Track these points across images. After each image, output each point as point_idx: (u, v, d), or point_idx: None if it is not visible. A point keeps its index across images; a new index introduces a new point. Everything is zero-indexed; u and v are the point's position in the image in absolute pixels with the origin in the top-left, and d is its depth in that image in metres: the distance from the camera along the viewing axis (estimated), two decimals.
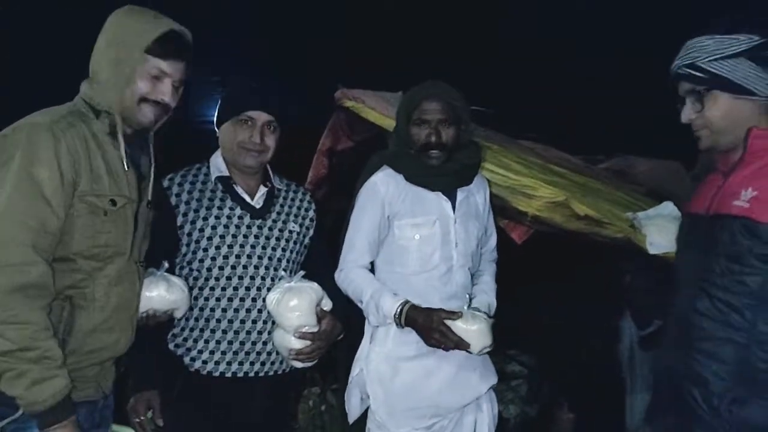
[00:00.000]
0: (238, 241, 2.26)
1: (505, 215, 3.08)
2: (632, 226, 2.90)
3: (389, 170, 2.38)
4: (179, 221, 2.25)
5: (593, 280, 5.06)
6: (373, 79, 3.34)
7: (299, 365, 2.31)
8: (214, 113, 2.40)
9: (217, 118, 2.38)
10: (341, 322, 2.33)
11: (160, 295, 2.03)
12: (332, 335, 2.31)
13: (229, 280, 2.24)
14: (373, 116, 3.23)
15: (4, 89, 4.07)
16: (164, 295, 2.03)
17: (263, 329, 2.27)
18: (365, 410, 2.39)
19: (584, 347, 4.87)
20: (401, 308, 2.24)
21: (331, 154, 3.52)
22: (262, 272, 2.27)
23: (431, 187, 2.36)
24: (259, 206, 2.34)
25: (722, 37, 1.74)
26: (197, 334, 2.25)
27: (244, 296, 2.25)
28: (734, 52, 1.72)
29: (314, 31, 4.58)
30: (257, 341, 2.26)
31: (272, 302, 2.21)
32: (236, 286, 2.24)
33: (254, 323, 2.25)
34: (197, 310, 2.25)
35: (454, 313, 2.21)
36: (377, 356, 2.33)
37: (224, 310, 2.24)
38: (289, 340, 2.23)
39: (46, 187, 1.68)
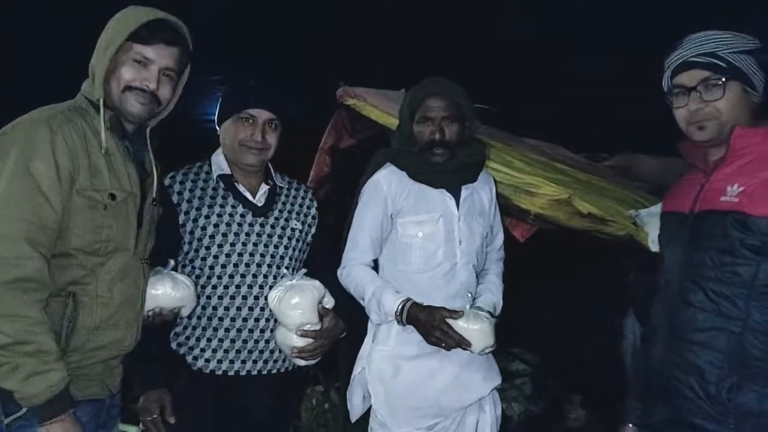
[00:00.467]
0: (239, 239, 2.26)
1: (507, 213, 3.06)
2: (635, 223, 2.89)
3: (392, 167, 2.37)
4: (181, 219, 2.24)
5: (596, 277, 5.06)
6: (374, 77, 3.33)
7: (302, 363, 2.30)
8: (214, 112, 2.39)
9: (218, 116, 2.37)
10: (343, 320, 2.33)
11: (166, 292, 2.02)
12: (334, 333, 2.30)
13: (231, 278, 2.23)
14: (375, 114, 3.22)
15: (4, 89, 4.06)
16: (170, 292, 2.03)
17: (265, 327, 2.26)
18: (368, 409, 2.38)
19: (587, 345, 4.89)
20: (403, 305, 2.23)
21: (333, 152, 3.51)
22: (264, 270, 2.26)
23: (435, 184, 2.35)
24: (260, 204, 2.33)
25: (737, 33, 1.84)
26: (199, 332, 2.24)
27: (246, 294, 2.24)
28: (748, 48, 1.83)
29: (315, 29, 4.57)
30: (259, 339, 2.25)
31: (274, 300, 2.20)
32: (238, 284, 2.24)
33: (256, 321, 2.25)
34: (199, 308, 2.24)
35: (455, 311, 2.20)
36: (379, 355, 2.33)
37: (226, 308, 2.23)
38: (291, 338, 2.22)
39: (43, 181, 1.68)
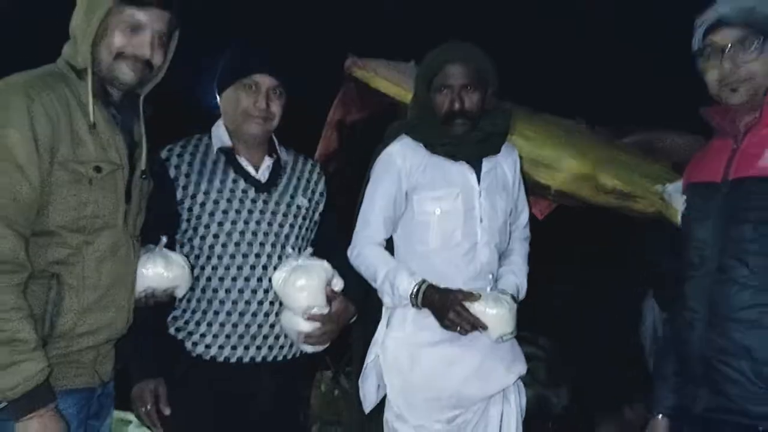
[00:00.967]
0: (242, 216, 2.09)
1: (527, 187, 2.88)
2: (662, 199, 2.71)
3: (407, 139, 2.21)
4: (179, 195, 2.07)
5: (614, 259, 4.90)
6: (385, 48, 3.15)
7: (309, 349, 2.14)
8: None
9: (217, 83, 2.19)
10: (354, 303, 2.16)
11: (157, 272, 1.86)
12: (344, 317, 2.14)
13: (232, 258, 2.07)
14: (384, 86, 3.07)
15: None
16: (162, 272, 1.87)
17: (270, 311, 2.10)
18: (383, 398, 2.22)
19: (604, 329, 4.73)
20: (418, 288, 2.08)
21: (341, 126, 3.35)
22: (268, 250, 2.10)
23: (454, 156, 2.18)
24: (264, 179, 2.16)
25: None
26: (199, 316, 2.08)
27: (248, 276, 2.08)
28: None
29: None
30: (263, 324, 2.09)
31: (279, 282, 2.04)
32: (240, 264, 2.07)
33: (260, 305, 2.08)
34: (199, 291, 2.08)
35: (473, 294, 2.03)
36: (394, 342, 2.16)
37: (228, 290, 2.07)
38: (297, 322, 2.06)
39: (18, 152, 1.51)
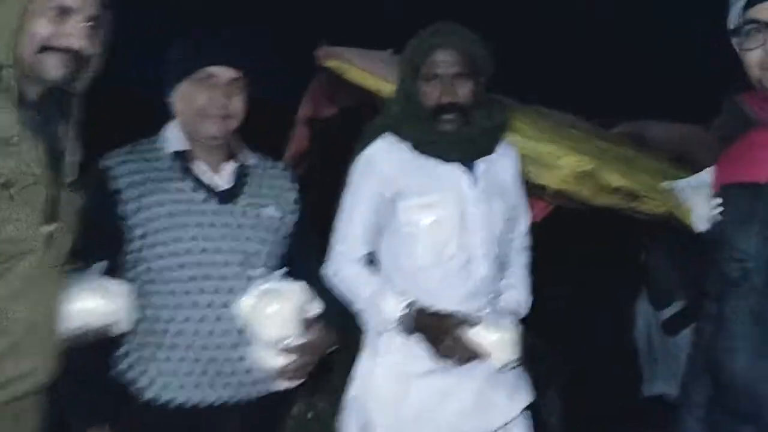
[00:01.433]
0: (200, 232, 1.79)
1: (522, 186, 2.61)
2: (670, 197, 2.46)
3: (391, 138, 1.93)
4: (123, 210, 1.76)
5: (604, 257, 4.67)
6: (360, 35, 2.86)
7: (283, 386, 1.84)
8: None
9: (168, 77, 1.88)
10: (334, 330, 1.88)
11: (91, 306, 1.57)
12: (322, 347, 1.85)
13: (191, 281, 1.77)
14: (361, 77, 2.77)
15: None
16: (97, 306, 1.58)
17: (236, 343, 1.79)
18: None
19: (595, 331, 4.51)
20: (408, 310, 1.81)
21: (313, 123, 3.05)
22: (233, 270, 1.80)
23: (445, 156, 1.91)
24: (226, 187, 1.86)
25: None
26: (150, 353, 1.77)
27: (210, 302, 1.77)
28: None
29: None
30: (228, 359, 1.79)
31: (246, 309, 1.74)
32: (200, 289, 1.77)
33: (224, 336, 1.78)
34: (148, 322, 1.76)
35: (470, 318, 1.77)
36: (381, 372, 1.89)
37: (185, 320, 1.76)
38: (268, 355, 1.78)
39: None
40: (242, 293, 1.77)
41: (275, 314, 1.73)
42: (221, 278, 1.78)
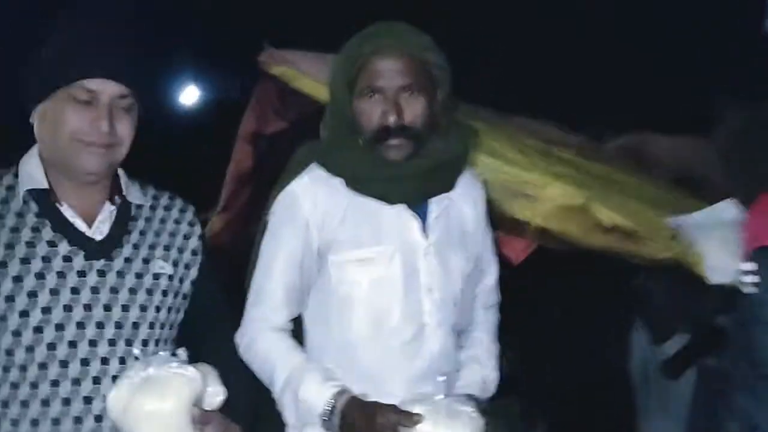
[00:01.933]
0: (63, 297, 1.37)
1: (495, 223, 2.17)
2: (676, 237, 2.03)
3: (319, 172, 1.52)
4: None
5: (596, 283, 4.25)
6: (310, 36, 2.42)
7: None
8: None
9: (30, 92, 1.44)
10: (243, 423, 1.44)
11: None
12: None
13: (44, 367, 1.35)
14: (310, 86, 2.34)
15: None
16: None
17: None
18: None
19: (586, 362, 4.09)
20: (333, 402, 1.39)
21: (257, 139, 2.62)
22: (103, 349, 1.38)
23: (388, 196, 1.50)
24: (100, 238, 1.42)
25: None
26: None
27: (69, 395, 1.34)
28: None
29: None
30: None
31: (117, 406, 1.30)
32: (59, 376, 1.34)
33: (97, 422, 1.35)
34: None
35: (415, 414, 1.33)
36: None
37: (34, 422, 1.33)
38: None
39: None
40: (115, 380, 1.34)
41: (156, 413, 1.28)
42: (83, 362, 1.35)
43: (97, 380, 1.36)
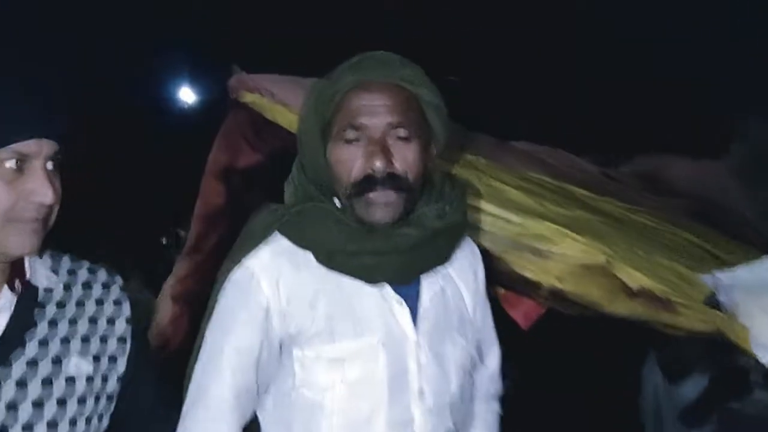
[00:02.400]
0: None
1: (502, 281, 1.85)
2: (714, 301, 1.71)
3: (283, 242, 1.20)
4: None
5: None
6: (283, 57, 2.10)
7: None
8: None
9: None
10: None
11: None
12: None
13: None
14: (285, 118, 2.02)
15: None
16: None
17: None
18: None
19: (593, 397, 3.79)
20: None
21: (228, 175, 2.28)
22: None
23: (371, 274, 1.19)
24: None
25: None
26: None
27: None
28: None
29: None
30: None
31: None
32: None
33: None
34: None
35: None
36: None
37: None
38: None
39: None
40: None
41: None
42: None
43: None
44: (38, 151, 1.08)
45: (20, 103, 1.10)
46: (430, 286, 1.22)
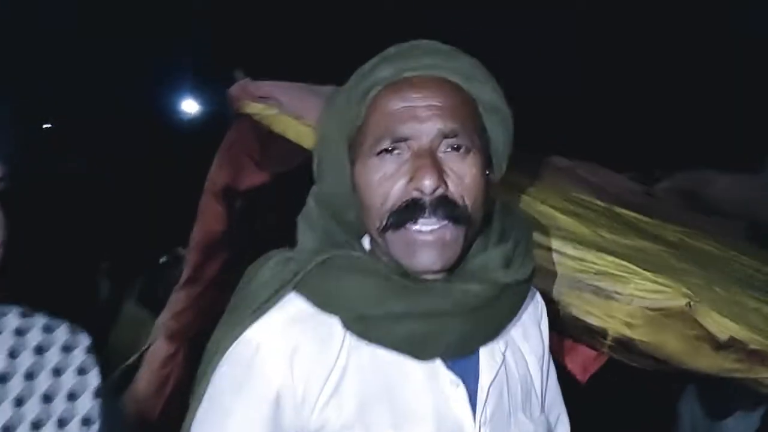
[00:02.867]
0: None
1: (556, 327, 1.56)
2: None
3: (300, 304, 0.91)
4: None
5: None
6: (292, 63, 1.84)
7: None
8: None
9: None
10: None
11: None
12: None
13: None
14: (296, 131, 1.75)
15: None
16: None
17: None
18: None
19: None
20: None
21: (229, 196, 2.01)
22: None
23: (420, 347, 0.89)
24: None
25: None
26: None
27: None
28: None
29: None
30: None
31: None
32: None
33: None
34: None
35: None
36: None
37: None
38: None
39: None
40: None
41: None
42: None
43: None
44: None
45: None
46: (491, 356, 0.93)
